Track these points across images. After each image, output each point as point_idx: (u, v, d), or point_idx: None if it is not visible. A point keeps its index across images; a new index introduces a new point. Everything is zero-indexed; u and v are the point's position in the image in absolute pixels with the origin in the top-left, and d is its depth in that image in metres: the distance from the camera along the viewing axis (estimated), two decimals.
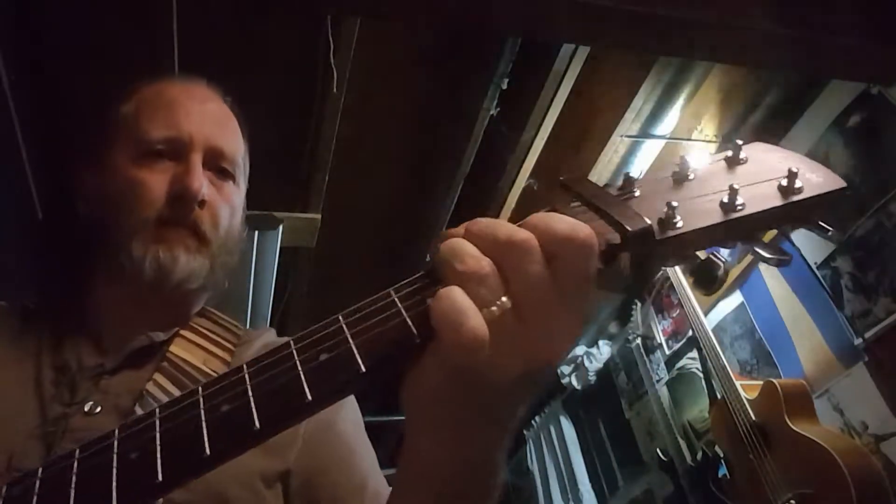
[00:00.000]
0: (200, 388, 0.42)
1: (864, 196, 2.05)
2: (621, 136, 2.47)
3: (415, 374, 0.43)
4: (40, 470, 0.42)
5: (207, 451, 0.38)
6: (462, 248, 0.41)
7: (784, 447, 2.02)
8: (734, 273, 2.62)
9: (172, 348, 0.78)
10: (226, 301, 0.91)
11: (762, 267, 2.49)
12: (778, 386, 2.13)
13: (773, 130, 2.42)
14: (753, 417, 2.16)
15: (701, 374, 2.74)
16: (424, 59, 2.09)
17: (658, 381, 3.11)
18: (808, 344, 2.27)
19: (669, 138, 2.55)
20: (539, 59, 2.08)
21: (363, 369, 0.39)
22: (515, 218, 0.43)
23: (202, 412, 0.40)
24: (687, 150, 2.61)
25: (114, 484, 0.39)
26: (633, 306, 3.20)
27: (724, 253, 0.50)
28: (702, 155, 0.53)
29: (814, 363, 2.24)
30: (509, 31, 1.86)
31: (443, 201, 2.50)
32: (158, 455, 0.39)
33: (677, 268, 2.78)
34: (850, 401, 2.10)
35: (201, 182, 0.77)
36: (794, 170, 0.46)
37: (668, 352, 3.07)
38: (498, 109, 2.20)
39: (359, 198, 2.49)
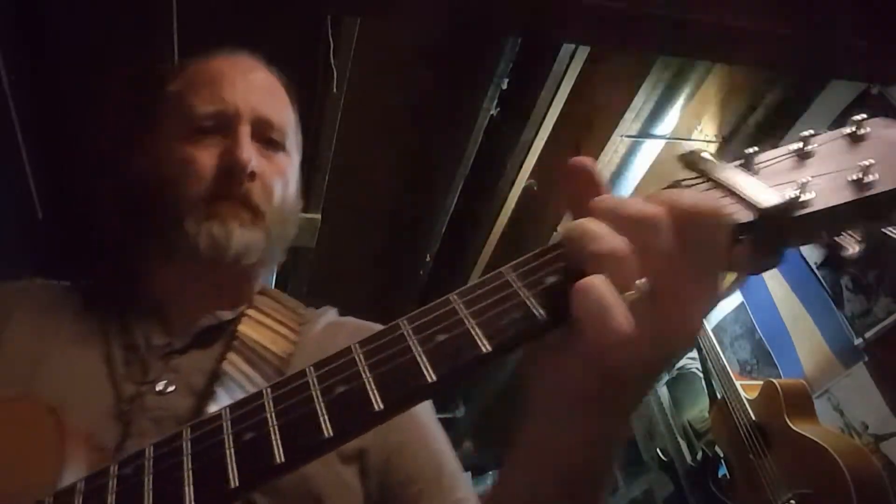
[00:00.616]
0: (311, 369, 0.41)
1: None
2: (621, 136, 2.47)
3: (544, 361, 0.42)
4: (151, 448, 0.41)
5: (328, 432, 0.38)
6: (594, 228, 0.38)
7: (784, 447, 2.02)
8: (734, 273, 2.62)
9: (241, 328, 0.77)
10: None
11: None
12: (778, 386, 2.13)
13: (773, 130, 2.42)
14: (753, 417, 2.16)
15: (701, 374, 2.74)
16: (424, 59, 2.09)
17: (658, 381, 3.11)
18: (808, 344, 2.28)
19: (669, 138, 2.55)
20: (539, 59, 2.08)
21: (488, 349, 0.38)
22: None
23: (317, 394, 0.39)
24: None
25: (230, 463, 0.38)
26: None
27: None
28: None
29: (814, 363, 2.24)
30: (509, 31, 1.86)
31: (443, 201, 2.50)
32: (275, 436, 0.38)
33: None
34: (850, 401, 2.10)
35: (250, 154, 0.76)
36: None
37: None
38: (498, 109, 2.20)
39: (359, 198, 2.49)
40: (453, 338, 0.39)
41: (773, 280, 2.44)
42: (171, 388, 0.69)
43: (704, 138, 2.58)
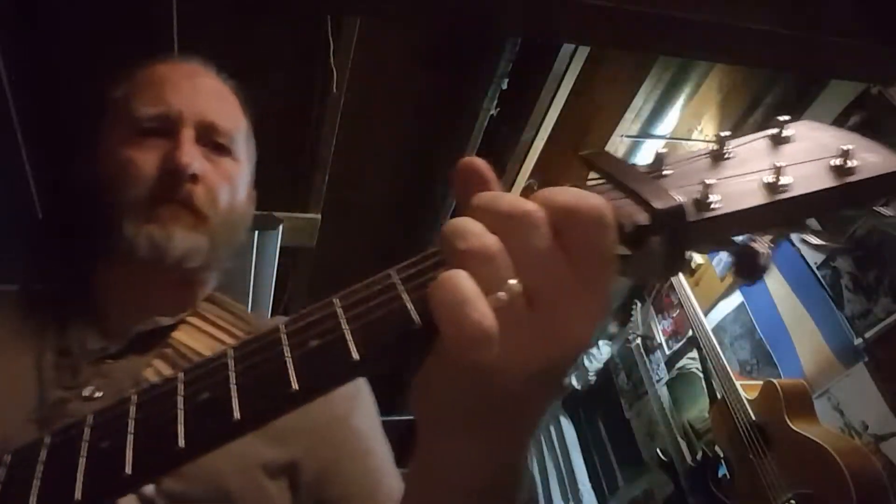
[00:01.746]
0: (182, 374, 0.38)
1: None
2: (621, 136, 2.47)
3: (421, 372, 0.40)
4: (8, 457, 0.39)
5: (182, 443, 0.35)
6: (465, 225, 0.35)
7: (784, 447, 2.02)
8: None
9: (176, 334, 0.76)
10: None
11: None
12: (778, 386, 2.13)
13: None
14: (753, 417, 2.16)
15: (701, 374, 2.74)
16: (424, 59, 2.09)
17: (658, 381, 3.11)
18: (808, 344, 2.28)
19: (669, 138, 2.55)
20: (539, 59, 2.08)
21: (356, 357, 0.35)
22: None
23: (181, 400, 0.37)
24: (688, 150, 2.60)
25: (79, 475, 0.36)
26: (633, 306, 3.20)
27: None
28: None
29: (814, 363, 2.24)
30: (509, 31, 1.86)
31: (443, 201, 2.50)
32: (130, 446, 0.36)
33: None
34: (850, 401, 2.10)
35: (192, 156, 0.74)
36: (847, 148, 0.40)
37: (668, 352, 3.07)
38: (498, 109, 2.20)
39: (359, 198, 2.49)
40: (325, 344, 0.36)
41: (773, 280, 2.44)
42: (98, 394, 0.68)
43: (704, 138, 2.58)
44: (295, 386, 0.35)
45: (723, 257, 2.69)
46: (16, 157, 1.59)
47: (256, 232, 2.07)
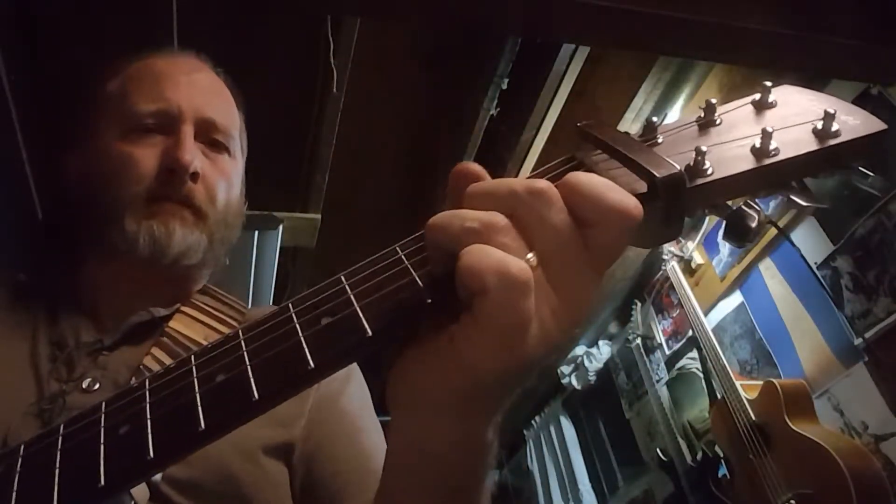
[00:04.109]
0: (193, 357, 0.39)
1: (864, 196, 2.05)
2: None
3: (399, 363, 0.40)
4: (22, 448, 0.39)
5: (202, 424, 0.36)
6: (454, 212, 0.37)
7: (784, 447, 2.02)
8: (734, 273, 2.62)
9: (172, 323, 0.75)
10: None
11: (762, 267, 2.49)
12: (778, 386, 2.13)
13: None
14: (753, 417, 2.16)
15: (701, 374, 2.74)
16: (424, 59, 2.09)
17: (658, 381, 3.11)
18: (808, 344, 2.27)
19: None
20: (539, 59, 2.08)
21: (370, 333, 0.36)
22: None
23: (195, 382, 0.37)
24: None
25: (101, 460, 0.36)
26: (633, 306, 3.20)
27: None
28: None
29: (814, 363, 2.24)
30: (509, 31, 1.86)
31: (443, 201, 2.50)
32: (150, 429, 0.36)
33: (677, 267, 2.78)
34: (850, 401, 2.10)
35: (193, 154, 0.75)
36: (831, 111, 0.42)
37: (668, 352, 3.07)
38: (498, 109, 2.20)
39: (359, 198, 2.49)
40: (338, 321, 0.37)
41: (773, 280, 2.44)
42: (96, 386, 0.68)
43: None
44: (311, 364, 0.36)
45: (723, 257, 2.69)
46: (16, 157, 1.59)
47: (256, 232, 2.07)
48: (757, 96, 0.46)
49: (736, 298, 2.64)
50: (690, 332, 2.71)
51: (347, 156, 2.17)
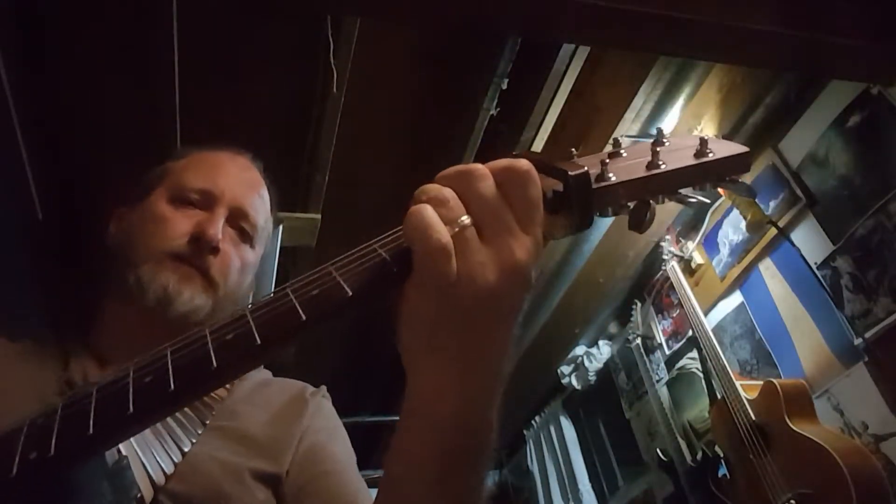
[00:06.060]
0: (207, 328, 0.48)
1: (865, 196, 2.05)
2: (621, 136, 2.47)
3: (403, 311, 0.48)
4: (60, 407, 0.46)
5: (215, 363, 0.44)
6: (425, 186, 0.49)
7: (784, 447, 2.03)
8: (734, 273, 2.63)
9: None
10: None
11: (762, 267, 2.49)
12: (778, 386, 2.13)
13: (774, 130, 2.42)
14: (753, 417, 2.16)
15: (701, 374, 2.75)
16: (424, 58, 2.09)
17: (658, 381, 3.11)
18: (808, 344, 2.28)
19: None
20: (539, 59, 2.08)
21: (350, 293, 0.46)
22: None
23: (210, 339, 0.46)
24: None
25: (131, 395, 0.44)
26: (633, 306, 3.20)
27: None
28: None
29: (814, 363, 2.24)
30: (509, 31, 1.86)
31: None
32: (171, 373, 0.44)
33: (677, 267, 2.78)
34: (850, 401, 2.10)
35: (220, 232, 0.84)
36: (705, 138, 0.58)
37: (668, 352, 3.07)
38: (498, 109, 2.20)
39: (359, 198, 2.49)
40: (324, 290, 0.47)
41: (773, 280, 2.44)
42: None
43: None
44: (303, 316, 0.45)
45: (723, 257, 2.69)
46: (16, 157, 1.59)
47: None
48: (654, 137, 0.59)
49: (736, 298, 2.64)
50: (690, 332, 2.71)
51: (347, 156, 2.17)
